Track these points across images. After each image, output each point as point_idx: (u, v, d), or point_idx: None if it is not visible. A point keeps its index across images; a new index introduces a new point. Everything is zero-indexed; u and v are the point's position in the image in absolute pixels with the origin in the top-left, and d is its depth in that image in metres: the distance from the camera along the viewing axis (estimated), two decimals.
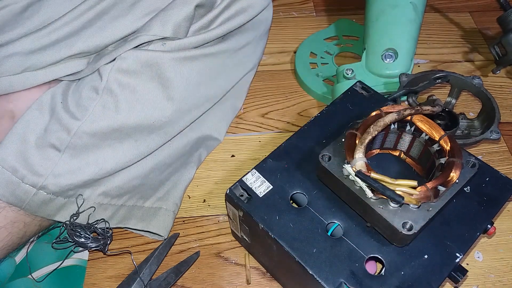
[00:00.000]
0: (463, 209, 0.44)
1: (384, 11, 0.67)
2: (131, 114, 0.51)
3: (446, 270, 0.41)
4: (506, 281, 0.53)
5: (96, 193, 0.52)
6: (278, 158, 0.48)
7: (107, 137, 0.51)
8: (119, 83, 0.51)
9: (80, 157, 0.50)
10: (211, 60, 0.56)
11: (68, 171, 0.49)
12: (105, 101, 0.51)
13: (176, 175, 0.59)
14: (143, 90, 0.52)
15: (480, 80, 0.62)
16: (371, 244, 0.42)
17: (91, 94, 0.51)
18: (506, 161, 0.65)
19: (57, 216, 0.51)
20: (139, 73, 0.51)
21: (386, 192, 0.38)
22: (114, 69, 0.51)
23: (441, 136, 0.44)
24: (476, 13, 0.86)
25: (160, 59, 0.51)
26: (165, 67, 0.52)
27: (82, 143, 0.50)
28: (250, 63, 0.64)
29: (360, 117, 0.47)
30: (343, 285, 0.40)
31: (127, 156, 0.52)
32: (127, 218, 0.54)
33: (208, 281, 0.53)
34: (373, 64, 0.66)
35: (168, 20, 0.52)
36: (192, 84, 0.55)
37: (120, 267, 0.54)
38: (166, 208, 0.56)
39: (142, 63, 0.51)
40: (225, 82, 0.61)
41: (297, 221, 0.44)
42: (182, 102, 0.54)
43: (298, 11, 0.86)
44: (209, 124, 0.63)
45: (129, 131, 0.52)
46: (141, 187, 0.55)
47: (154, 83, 0.52)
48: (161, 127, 0.54)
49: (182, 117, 0.56)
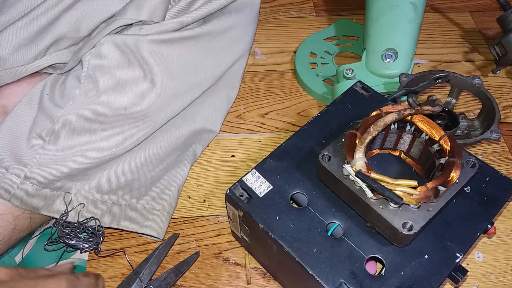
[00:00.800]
0: (463, 209, 0.44)
1: (384, 11, 0.67)
2: (113, 100, 0.51)
3: (446, 270, 0.41)
4: (506, 281, 0.53)
5: (86, 188, 0.51)
6: (278, 158, 0.48)
7: (91, 124, 0.50)
8: (100, 69, 0.51)
9: (65, 146, 0.50)
10: (192, 43, 0.55)
11: (53, 160, 0.49)
12: (87, 88, 0.51)
13: (170, 173, 0.58)
14: (124, 76, 0.51)
15: (480, 80, 0.62)
16: (371, 244, 0.42)
17: (74, 82, 0.51)
18: (506, 161, 0.65)
19: (45, 210, 0.50)
20: (118, 58, 0.51)
21: (385, 192, 0.38)
22: (94, 55, 0.51)
23: (441, 136, 0.44)
24: (476, 13, 0.86)
25: (138, 42, 0.51)
26: (143, 51, 0.51)
27: (66, 132, 0.49)
28: (238, 48, 0.62)
29: (360, 117, 0.47)
30: (343, 285, 0.40)
31: (114, 145, 0.51)
32: (120, 219, 0.54)
33: (208, 281, 0.53)
34: (373, 64, 0.66)
35: (143, 4, 0.52)
36: (173, 68, 0.54)
37: (120, 267, 0.54)
38: (159, 209, 0.55)
39: (121, 47, 0.51)
40: (212, 66, 0.59)
41: (297, 221, 0.44)
42: (166, 87, 0.53)
43: (298, 11, 0.86)
44: (202, 116, 0.61)
45: (113, 118, 0.51)
46: (134, 183, 0.54)
47: (134, 68, 0.52)
48: (146, 114, 0.53)
49: (169, 103, 0.54)
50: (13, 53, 0.50)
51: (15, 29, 0.51)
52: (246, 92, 0.72)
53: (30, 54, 0.51)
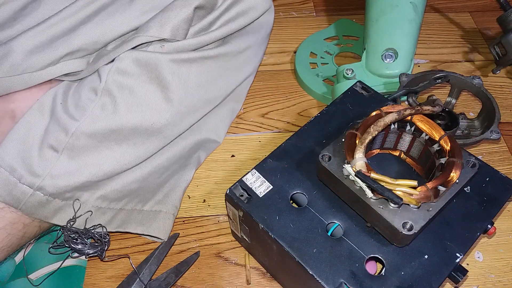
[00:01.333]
0: (463, 209, 0.44)
1: (384, 11, 0.67)
2: (130, 116, 0.51)
3: (446, 270, 0.41)
4: (507, 281, 0.53)
5: (94, 197, 0.52)
6: (278, 158, 0.48)
7: (105, 139, 0.51)
8: (118, 84, 0.51)
9: (78, 158, 0.50)
10: (210, 63, 0.56)
11: (65, 172, 0.49)
12: (103, 102, 0.50)
13: (175, 177, 0.58)
14: (142, 92, 0.51)
15: (480, 80, 0.62)
16: (371, 244, 0.42)
17: (90, 95, 0.51)
18: (506, 161, 0.65)
19: (54, 219, 0.50)
20: (138, 74, 0.51)
21: (385, 192, 0.38)
22: (113, 69, 0.51)
23: (441, 136, 0.44)
24: (476, 13, 0.85)
25: (158, 60, 0.51)
26: (163, 69, 0.51)
27: (80, 144, 0.50)
28: (250, 66, 0.63)
29: (360, 117, 0.47)
30: (343, 285, 0.40)
31: (126, 159, 0.52)
32: (126, 222, 0.54)
33: (208, 281, 0.53)
34: (373, 64, 0.66)
35: (166, 22, 0.51)
36: (191, 86, 0.54)
37: (120, 267, 0.54)
38: (165, 211, 0.55)
39: (140, 64, 0.51)
40: (225, 85, 0.60)
41: (297, 221, 0.44)
42: (181, 104, 0.54)
43: (298, 11, 0.86)
44: (208, 127, 0.62)
45: (128, 133, 0.51)
46: (140, 190, 0.55)
47: (153, 84, 0.52)
48: (160, 130, 0.53)
49: (181, 120, 0.55)
50: (26, 59, 0.50)
51: (29, 36, 0.50)
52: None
53: (43, 61, 0.51)
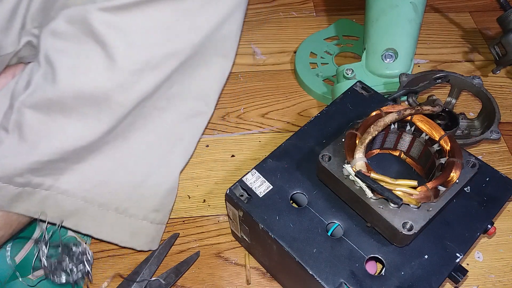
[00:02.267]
0: (463, 209, 0.44)
1: (384, 11, 0.67)
2: (69, 81, 0.45)
3: (446, 270, 0.41)
4: (507, 281, 0.53)
5: (59, 183, 0.46)
6: (278, 158, 0.48)
7: (50, 111, 0.45)
8: (54, 48, 0.46)
9: (27, 137, 0.45)
10: (157, 5, 0.46)
11: (14, 153, 0.44)
12: (45, 71, 0.46)
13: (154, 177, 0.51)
14: (79, 53, 0.45)
15: (480, 80, 0.62)
16: (371, 244, 0.42)
17: (35, 67, 0.47)
18: (506, 161, 0.65)
19: (12, 207, 0.45)
20: (71, 34, 0.45)
21: (385, 192, 0.38)
22: (47, 33, 0.46)
23: (441, 136, 0.44)
24: (476, 13, 0.85)
25: (88, 12, 0.44)
26: (94, 21, 0.44)
27: (26, 120, 0.45)
28: (221, 7, 0.50)
29: (360, 117, 0.47)
30: (343, 285, 0.40)
31: (77, 132, 0.46)
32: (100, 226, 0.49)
33: (208, 281, 0.53)
34: (373, 64, 0.66)
35: None
36: (135, 38, 0.46)
37: (120, 267, 0.54)
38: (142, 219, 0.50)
39: (71, 20, 0.45)
40: (188, 32, 0.49)
41: (297, 221, 0.44)
42: (128, 61, 0.46)
43: (298, 11, 0.86)
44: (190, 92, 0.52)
45: (72, 102, 0.45)
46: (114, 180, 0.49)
47: (89, 43, 0.45)
48: (108, 96, 0.46)
49: (136, 80, 0.47)
50: None
51: None
52: (246, 92, 0.72)
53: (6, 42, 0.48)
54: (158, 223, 0.52)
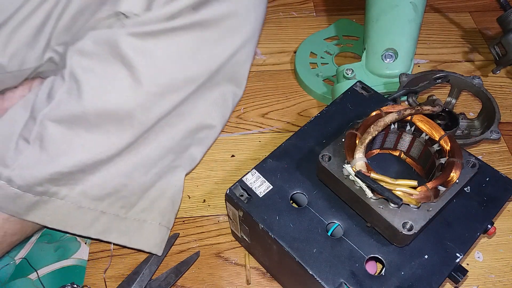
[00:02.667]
0: (463, 209, 0.44)
1: (384, 11, 0.67)
2: (95, 99, 0.48)
3: (446, 270, 0.41)
4: (506, 281, 0.53)
5: (74, 192, 0.48)
6: (278, 158, 0.48)
7: (74, 126, 0.47)
8: (81, 67, 0.48)
9: (48, 148, 0.47)
10: (181, 34, 0.50)
11: (35, 163, 0.46)
12: (69, 86, 0.48)
13: (163, 181, 0.53)
14: (106, 73, 0.48)
15: (480, 80, 0.62)
16: (371, 244, 0.42)
17: (59, 82, 0.49)
18: (506, 161, 0.65)
19: (29, 215, 0.48)
20: (99, 54, 0.48)
21: (385, 192, 0.38)
22: (75, 51, 0.48)
23: (441, 136, 0.44)
24: (476, 13, 0.86)
25: (117, 36, 0.47)
26: (122, 45, 0.47)
27: (48, 133, 0.47)
28: (237, 38, 0.54)
29: (360, 117, 0.47)
30: (343, 285, 0.40)
31: (98, 147, 0.48)
32: (108, 230, 0.50)
33: (208, 281, 0.53)
34: (373, 64, 0.66)
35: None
36: (160, 63, 0.49)
37: (120, 267, 0.54)
38: (151, 221, 0.52)
39: (100, 42, 0.48)
40: (207, 59, 0.53)
41: (297, 221, 0.44)
42: (152, 84, 0.49)
43: (298, 11, 0.86)
44: (198, 110, 0.56)
45: (96, 119, 0.48)
46: (124, 189, 0.51)
47: (116, 64, 0.48)
48: (130, 115, 0.49)
49: (156, 102, 0.50)
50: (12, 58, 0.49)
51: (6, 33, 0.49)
52: (246, 92, 0.72)
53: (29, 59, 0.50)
54: (165, 226, 0.53)
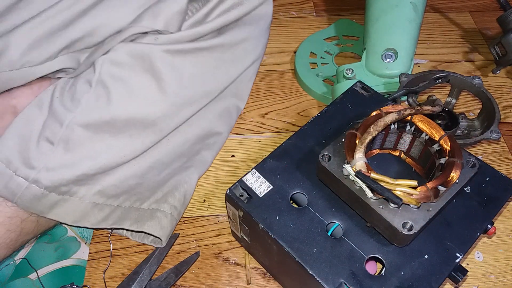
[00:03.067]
0: (463, 209, 0.44)
1: (384, 11, 0.67)
2: (123, 107, 0.51)
3: (446, 270, 0.41)
4: (506, 281, 0.53)
5: (91, 192, 0.51)
6: (278, 158, 0.48)
7: (100, 130, 0.50)
8: (112, 75, 0.51)
9: (74, 150, 0.49)
10: (205, 54, 0.56)
11: (61, 165, 0.49)
12: (97, 93, 0.51)
13: (176, 178, 0.57)
14: (136, 83, 0.51)
15: (480, 80, 0.62)
16: (371, 244, 0.42)
17: (85, 87, 0.51)
18: (506, 161, 0.65)
19: (50, 213, 0.50)
20: (131, 65, 0.51)
21: (385, 192, 0.38)
22: (107, 61, 0.51)
23: (441, 136, 0.44)
24: (476, 13, 0.86)
25: (152, 51, 0.51)
26: (156, 59, 0.51)
27: (75, 136, 0.49)
28: (249, 59, 0.62)
29: (360, 117, 0.47)
30: (343, 285, 0.40)
31: (122, 151, 0.51)
32: (122, 219, 0.53)
33: (208, 281, 0.53)
34: (373, 64, 0.66)
35: (159, 13, 0.52)
36: (185, 78, 0.54)
37: (120, 267, 0.54)
38: (163, 209, 0.54)
39: (134, 55, 0.51)
40: (222, 78, 0.59)
41: (297, 221, 0.44)
42: (176, 96, 0.54)
43: (298, 11, 0.86)
44: (207, 121, 0.61)
45: (122, 124, 0.51)
46: (138, 187, 0.54)
47: (147, 76, 0.52)
48: (155, 122, 0.53)
49: (177, 112, 0.55)
50: (24, 54, 0.50)
51: (26, 30, 0.50)
52: None
53: (41, 55, 0.51)
54: (175, 217, 0.55)
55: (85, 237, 0.56)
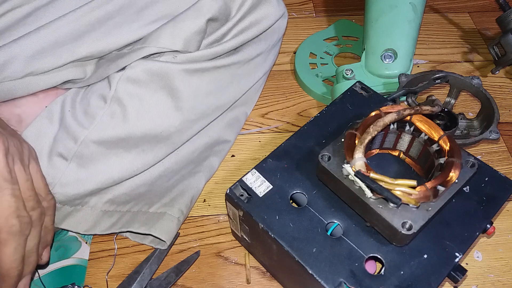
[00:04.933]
0: (462, 209, 0.44)
1: (384, 12, 0.67)
2: (139, 124, 0.51)
3: (446, 270, 0.41)
4: (506, 281, 0.54)
5: (102, 201, 0.52)
6: (278, 158, 0.48)
7: (114, 146, 0.51)
8: (128, 93, 0.51)
9: (87, 166, 0.50)
10: (222, 71, 0.56)
11: (75, 180, 0.49)
12: (113, 110, 0.51)
13: (184, 183, 0.57)
14: (152, 100, 0.52)
15: (479, 80, 0.62)
16: (370, 243, 0.42)
17: (99, 102, 0.51)
18: (505, 161, 0.65)
19: (62, 224, 0.51)
20: (148, 83, 0.51)
21: (384, 192, 0.38)
22: (124, 78, 0.51)
23: (441, 136, 0.44)
24: (475, 14, 0.86)
25: (170, 70, 0.51)
26: (174, 78, 0.52)
27: (89, 152, 0.50)
28: (261, 71, 0.63)
29: (359, 117, 0.47)
30: (342, 284, 0.40)
31: (134, 166, 0.52)
32: (130, 222, 0.53)
33: (208, 280, 0.53)
34: (373, 65, 0.66)
35: (178, 33, 0.51)
36: (201, 95, 0.55)
37: (120, 267, 0.54)
38: (170, 213, 0.54)
39: (152, 73, 0.51)
40: (235, 91, 0.60)
41: (297, 221, 0.44)
42: (191, 112, 0.54)
43: (298, 12, 0.86)
44: (217, 130, 0.62)
45: (136, 140, 0.52)
46: (147, 193, 0.55)
47: (163, 93, 0.52)
48: (168, 137, 0.54)
49: (190, 126, 0.56)
50: (28, 64, 0.49)
51: (31, 40, 0.50)
52: None
53: (45, 66, 0.50)
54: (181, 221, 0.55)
55: (86, 236, 0.56)
